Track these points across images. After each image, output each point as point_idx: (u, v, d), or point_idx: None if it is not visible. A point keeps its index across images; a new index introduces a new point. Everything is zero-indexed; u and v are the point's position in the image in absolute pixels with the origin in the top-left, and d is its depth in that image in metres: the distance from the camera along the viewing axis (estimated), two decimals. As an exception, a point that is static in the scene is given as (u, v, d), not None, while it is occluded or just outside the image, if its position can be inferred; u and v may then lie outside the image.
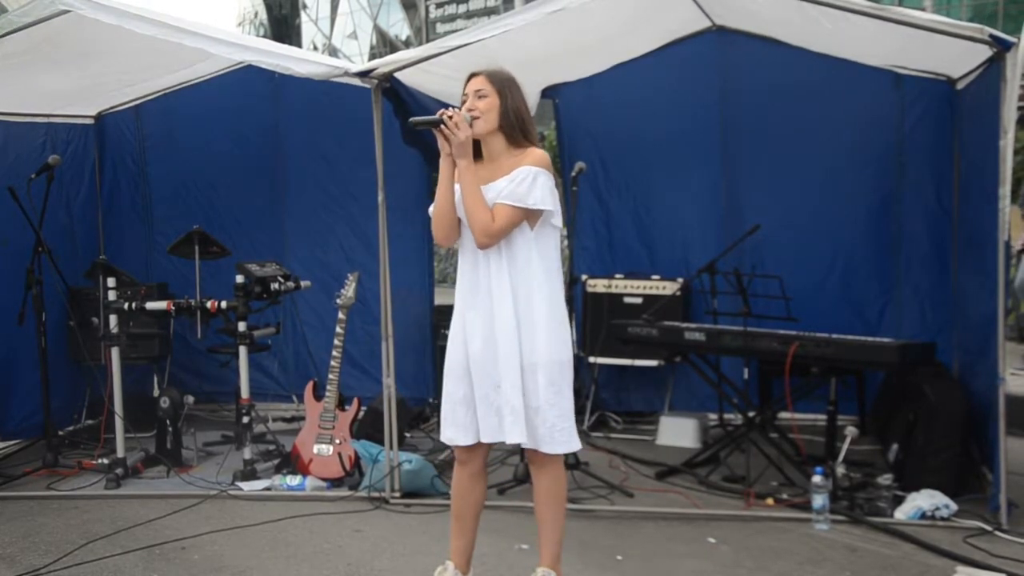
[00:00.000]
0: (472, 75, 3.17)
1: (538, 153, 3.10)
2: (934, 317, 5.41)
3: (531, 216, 3.08)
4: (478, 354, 3.10)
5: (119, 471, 4.92)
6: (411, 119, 3.11)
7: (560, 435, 3.09)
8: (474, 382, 3.12)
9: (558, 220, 3.14)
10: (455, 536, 3.32)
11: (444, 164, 3.10)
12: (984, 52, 4.03)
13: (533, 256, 3.10)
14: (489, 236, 3.04)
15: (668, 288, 5.83)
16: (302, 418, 5.23)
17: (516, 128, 3.12)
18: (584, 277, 6.06)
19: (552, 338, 3.09)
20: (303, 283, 5.41)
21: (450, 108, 3.07)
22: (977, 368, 4.42)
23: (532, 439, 3.09)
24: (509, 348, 3.05)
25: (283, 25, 43.32)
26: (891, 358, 4.43)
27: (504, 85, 3.13)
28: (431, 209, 3.20)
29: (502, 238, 3.06)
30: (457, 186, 3.09)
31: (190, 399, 5.51)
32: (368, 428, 5.10)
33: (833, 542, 3.94)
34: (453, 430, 3.19)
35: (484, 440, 3.15)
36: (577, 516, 4.31)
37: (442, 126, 3.02)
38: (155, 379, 6.03)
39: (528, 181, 3.03)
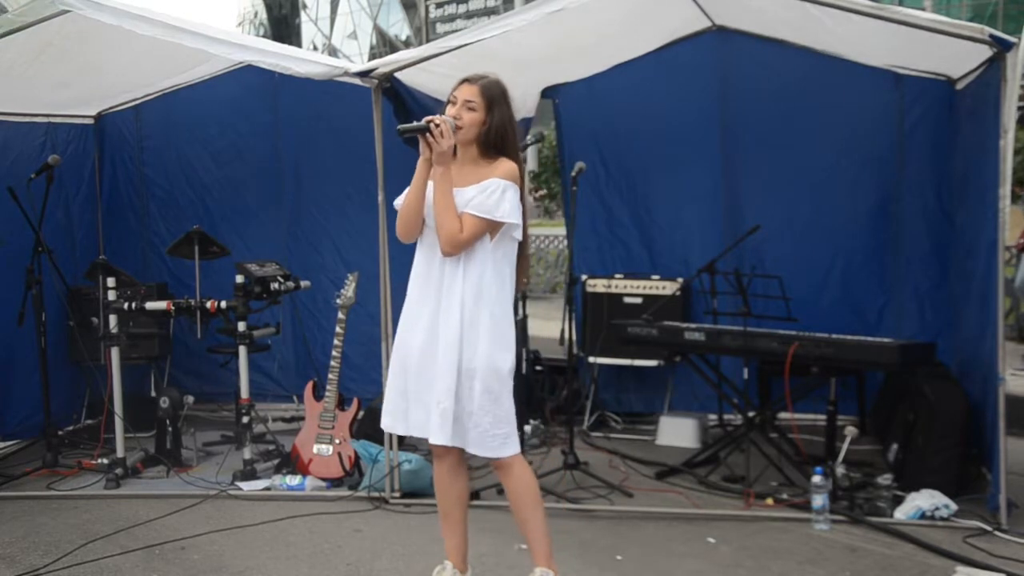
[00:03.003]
0: (465, 81, 3.18)
1: (508, 165, 3.13)
2: (934, 317, 5.41)
3: (493, 228, 3.12)
4: (417, 353, 3.15)
5: (119, 471, 4.92)
6: (398, 127, 3.13)
7: (492, 441, 3.13)
8: (408, 378, 3.18)
9: (518, 233, 3.18)
10: (447, 534, 3.36)
11: (421, 166, 3.14)
12: (984, 52, 4.03)
13: (488, 267, 3.13)
14: (455, 246, 3.08)
15: (668, 288, 5.83)
16: (302, 418, 5.23)
17: (493, 146, 3.15)
18: (584, 277, 6.06)
19: (493, 347, 3.11)
20: (303, 283, 5.41)
21: (436, 116, 3.10)
22: (976, 368, 4.42)
23: (463, 441, 3.14)
24: (449, 352, 3.09)
25: (283, 25, 43.36)
26: (891, 358, 4.43)
27: (494, 100, 3.14)
28: (397, 203, 3.25)
29: (467, 247, 3.10)
30: (429, 189, 3.13)
31: (190, 399, 5.51)
32: (368, 428, 5.10)
33: (833, 542, 3.94)
34: (391, 418, 3.27)
35: (413, 434, 3.23)
36: (577, 516, 4.31)
37: (427, 134, 3.05)
38: (152, 379, 6.03)
39: (497, 193, 3.08)
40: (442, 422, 3.09)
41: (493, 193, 3.07)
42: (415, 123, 3.10)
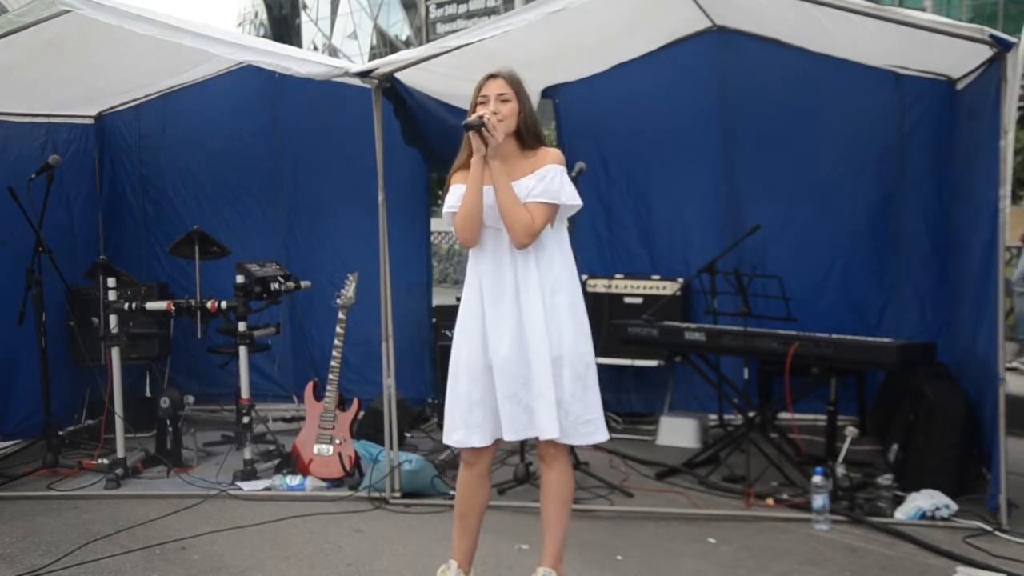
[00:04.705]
0: (491, 76, 3.18)
1: (555, 152, 3.19)
2: (934, 317, 5.41)
3: (552, 214, 3.14)
4: (507, 354, 3.11)
5: (119, 471, 4.92)
6: (464, 121, 3.10)
7: (584, 427, 3.14)
8: (498, 382, 3.12)
9: (567, 217, 3.23)
10: (459, 536, 3.33)
11: (475, 166, 3.11)
12: (984, 52, 4.02)
13: (555, 252, 3.16)
14: (531, 235, 3.09)
15: (668, 288, 5.83)
16: (302, 418, 5.23)
17: (531, 132, 3.18)
18: (584, 277, 6.04)
19: (577, 333, 3.14)
20: (303, 283, 5.41)
21: (484, 112, 3.07)
22: (975, 368, 4.42)
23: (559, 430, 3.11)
24: (540, 344, 3.08)
25: (283, 25, 43.31)
26: (891, 358, 4.43)
27: (520, 89, 3.18)
28: (448, 210, 3.20)
29: (538, 236, 3.10)
30: (487, 188, 3.11)
31: (190, 399, 5.51)
32: (368, 428, 5.10)
33: (833, 542, 3.94)
34: (465, 432, 3.17)
35: (508, 438, 3.16)
36: (577, 516, 4.28)
37: (482, 129, 3.04)
38: (147, 379, 6.02)
39: (558, 179, 3.12)
40: (551, 415, 3.07)
41: (554, 179, 3.10)
42: (470, 119, 3.08)
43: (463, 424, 3.17)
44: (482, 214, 3.12)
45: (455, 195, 3.18)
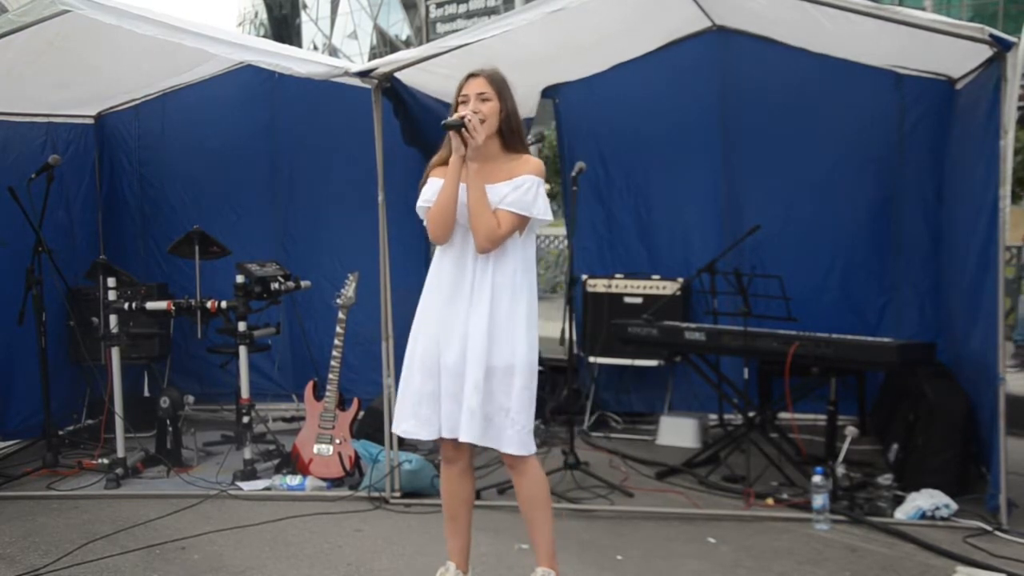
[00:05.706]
0: (471, 75, 3.17)
1: (536, 162, 3.16)
2: (934, 317, 5.41)
3: (523, 224, 3.13)
4: (454, 353, 3.12)
5: (119, 471, 4.92)
6: (443, 122, 3.11)
7: (527, 438, 3.13)
8: (443, 379, 3.14)
9: (537, 229, 3.23)
10: (451, 536, 3.35)
11: (453, 164, 3.10)
12: (984, 52, 4.02)
13: (519, 263, 3.15)
14: (493, 242, 3.08)
15: (668, 288, 5.83)
16: (302, 418, 5.23)
17: (514, 133, 3.16)
18: (584, 277, 6.06)
19: (530, 344, 3.13)
20: (303, 283, 5.41)
21: (466, 112, 3.07)
22: (975, 368, 4.42)
23: (497, 440, 3.11)
24: (478, 350, 3.08)
25: (283, 25, 43.35)
26: (891, 358, 4.43)
27: (503, 88, 3.16)
28: (420, 206, 3.22)
29: (502, 243, 3.09)
30: (461, 187, 3.10)
31: (190, 399, 5.50)
32: (368, 428, 5.10)
33: (833, 542, 3.94)
34: (413, 423, 3.19)
35: (445, 434, 3.16)
36: (577, 516, 4.31)
37: (463, 129, 3.04)
38: (146, 379, 6.03)
39: (533, 190, 3.09)
40: (470, 420, 3.06)
41: (529, 190, 3.08)
42: (451, 119, 3.08)
43: (412, 415, 3.18)
44: (455, 212, 3.12)
45: (431, 189, 3.18)
